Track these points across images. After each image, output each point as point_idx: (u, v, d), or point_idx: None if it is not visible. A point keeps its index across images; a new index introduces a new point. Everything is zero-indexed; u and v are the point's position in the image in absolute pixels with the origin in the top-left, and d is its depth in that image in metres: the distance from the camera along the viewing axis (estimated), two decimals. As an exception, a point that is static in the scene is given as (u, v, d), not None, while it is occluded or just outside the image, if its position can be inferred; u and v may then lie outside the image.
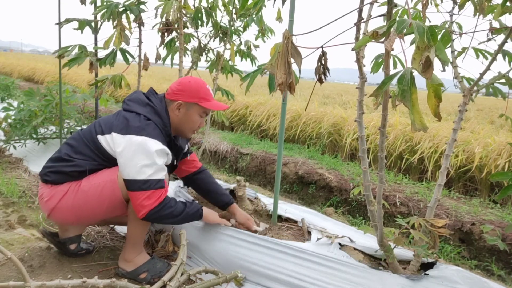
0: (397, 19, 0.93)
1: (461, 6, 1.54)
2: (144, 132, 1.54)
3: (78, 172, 1.60)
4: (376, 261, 1.69)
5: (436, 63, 0.92)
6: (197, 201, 2.00)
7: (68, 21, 2.42)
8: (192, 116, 1.71)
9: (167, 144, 1.64)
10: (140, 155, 1.50)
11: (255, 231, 1.82)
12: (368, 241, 1.81)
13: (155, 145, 1.53)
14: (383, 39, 0.97)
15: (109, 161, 1.61)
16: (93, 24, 2.50)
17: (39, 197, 1.66)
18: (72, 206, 1.58)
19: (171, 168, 1.80)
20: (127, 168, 1.51)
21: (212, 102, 1.73)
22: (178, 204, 1.61)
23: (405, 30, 0.90)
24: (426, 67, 0.89)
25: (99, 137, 1.59)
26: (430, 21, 1.56)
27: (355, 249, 1.71)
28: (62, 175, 1.60)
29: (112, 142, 1.56)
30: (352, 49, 1.10)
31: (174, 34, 2.70)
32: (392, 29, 0.92)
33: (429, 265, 1.60)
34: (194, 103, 1.69)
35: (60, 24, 2.62)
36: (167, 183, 1.70)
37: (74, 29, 2.41)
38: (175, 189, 2.22)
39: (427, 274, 1.46)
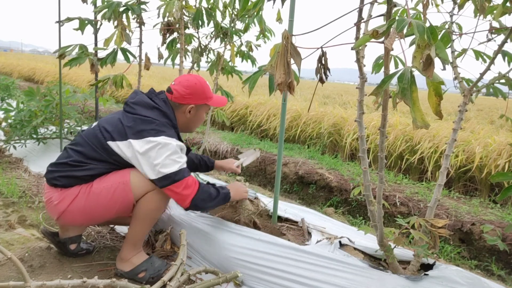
0: (397, 18, 0.93)
1: (461, 6, 1.54)
2: (161, 133, 1.58)
3: (90, 175, 1.61)
4: (376, 261, 1.69)
5: (436, 62, 0.92)
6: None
7: (69, 19, 2.42)
8: (202, 115, 1.83)
9: None
10: (165, 152, 1.55)
11: (238, 167, 2.15)
12: (367, 241, 1.81)
13: (175, 141, 1.60)
14: (382, 38, 0.97)
15: (122, 165, 1.63)
16: (94, 23, 2.50)
17: (47, 200, 1.64)
18: (83, 209, 1.59)
19: None
20: (155, 167, 1.54)
21: (215, 98, 1.85)
22: (209, 187, 1.71)
23: (405, 29, 0.90)
24: (427, 65, 0.89)
25: (110, 143, 1.60)
26: (430, 23, 1.56)
27: (355, 249, 1.72)
28: (73, 179, 1.60)
29: (129, 147, 1.57)
30: (352, 48, 1.10)
31: (175, 34, 2.70)
32: (392, 28, 0.92)
33: (429, 265, 1.60)
34: (203, 103, 1.78)
35: (60, 22, 2.62)
36: None
37: (74, 29, 2.40)
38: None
39: (427, 275, 1.46)
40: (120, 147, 1.58)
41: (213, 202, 1.69)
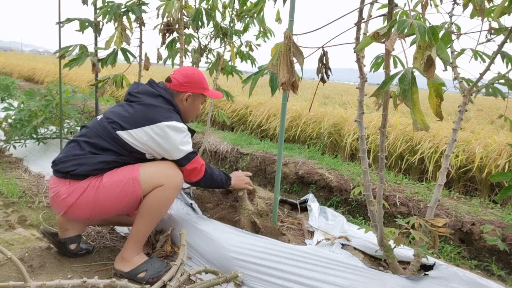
0: (398, 19, 0.93)
1: (465, 6, 1.53)
2: (171, 118, 1.68)
3: (102, 162, 1.62)
4: (376, 261, 1.69)
5: (437, 63, 0.92)
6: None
7: (69, 20, 2.42)
8: (198, 105, 1.91)
9: None
10: (181, 133, 1.68)
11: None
12: (366, 237, 1.81)
13: (184, 126, 1.72)
14: (384, 39, 0.97)
15: (130, 153, 1.67)
16: (94, 24, 2.49)
17: (54, 195, 1.62)
18: (92, 202, 1.59)
19: None
20: (179, 146, 1.67)
21: (211, 90, 1.95)
22: (212, 167, 1.92)
23: (406, 30, 0.90)
24: (428, 66, 0.89)
25: (119, 133, 1.63)
26: (430, 23, 1.56)
27: (355, 248, 1.72)
28: (85, 167, 1.59)
29: (144, 133, 1.63)
30: (354, 51, 1.10)
31: (175, 34, 2.70)
32: (393, 29, 0.92)
33: (429, 266, 1.60)
34: (200, 93, 1.87)
35: (61, 23, 2.62)
36: None
37: (76, 30, 2.40)
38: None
39: (427, 275, 1.46)
40: (133, 134, 1.63)
41: (217, 179, 1.88)
